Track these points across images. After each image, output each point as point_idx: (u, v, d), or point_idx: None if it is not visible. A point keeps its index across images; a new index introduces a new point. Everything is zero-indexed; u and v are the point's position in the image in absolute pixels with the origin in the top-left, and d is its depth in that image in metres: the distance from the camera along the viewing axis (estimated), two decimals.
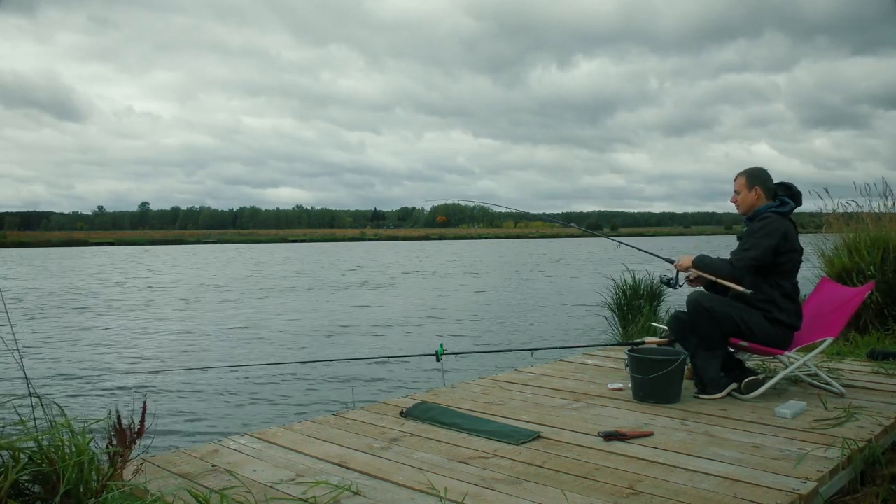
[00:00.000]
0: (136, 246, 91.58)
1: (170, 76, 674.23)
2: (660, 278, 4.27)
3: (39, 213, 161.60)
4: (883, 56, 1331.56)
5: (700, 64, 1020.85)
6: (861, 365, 4.78)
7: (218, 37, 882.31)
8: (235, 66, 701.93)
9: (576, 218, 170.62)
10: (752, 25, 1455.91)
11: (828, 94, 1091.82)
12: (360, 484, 2.51)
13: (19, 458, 2.14)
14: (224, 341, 11.19)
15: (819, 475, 2.53)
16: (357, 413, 3.66)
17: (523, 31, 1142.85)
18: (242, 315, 14.71)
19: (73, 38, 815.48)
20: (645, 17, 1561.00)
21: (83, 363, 9.34)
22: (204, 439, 5.02)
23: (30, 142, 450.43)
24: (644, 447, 2.94)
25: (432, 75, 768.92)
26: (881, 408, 3.54)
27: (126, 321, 14.00)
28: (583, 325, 12.29)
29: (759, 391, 3.77)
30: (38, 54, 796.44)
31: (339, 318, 14.10)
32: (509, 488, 2.47)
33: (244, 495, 2.36)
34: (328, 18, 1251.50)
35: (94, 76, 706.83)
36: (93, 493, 2.15)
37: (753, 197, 3.92)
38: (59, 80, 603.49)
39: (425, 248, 74.25)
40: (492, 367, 7.97)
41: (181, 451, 2.99)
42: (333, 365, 8.48)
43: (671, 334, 4.10)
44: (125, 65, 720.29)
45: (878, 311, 6.24)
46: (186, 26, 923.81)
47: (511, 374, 4.73)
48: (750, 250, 3.74)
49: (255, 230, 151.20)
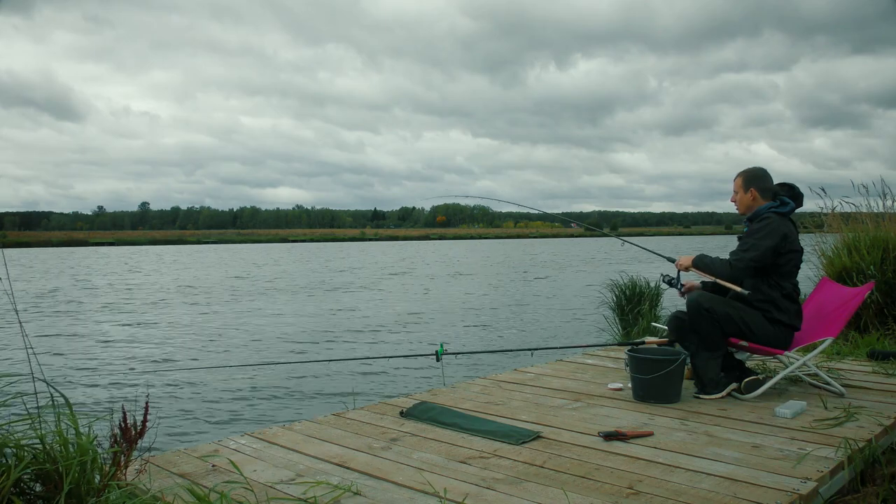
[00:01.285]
0: (136, 246, 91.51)
1: (167, 75, 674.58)
2: (661, 277, 4.26)
3: (39, 213, 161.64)
4: (882, 55, 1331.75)
5: (699, 63, 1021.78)
6: (861, 365, 4.78)
7: (214, 36, 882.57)
8: (232, 65, 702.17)
9: (576, 218, 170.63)
10: (750, 24, 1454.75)
11: (827, 93, 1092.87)
12: (360, 484, 2.52)
13: (23, 456, 2.15)
14: (224, 341, 11.18)
15: (819, 475, 2.53)
16: (357, 413, 3.66)
17: (520, 30, 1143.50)
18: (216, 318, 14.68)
19: (69, 37, 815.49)
20: (643, 16, 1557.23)
21: (79, 363, 9.34)
22: (204, 439, 5.03)
23: (27, 141, 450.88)
24: (644, 447, 2.94)
25: (430, 75, 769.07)
26: (881, 408, 3.54)
27: (113, 322, 14.01)
28: (583, 326, 12.29)
29: (759, 391, 3.77)
30: (34, 53, 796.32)
31: (322, 322, 14.09)
32: (509, 488, 2.47)
33: (244, 495, 2.37)
34: (324, 17, 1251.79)
35: (91, 75, 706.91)
36: (95, 492, 2.15)
37: (749, 198, 3.93)
38: (56, 80, 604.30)
39: (426, 247, 74.25)
40: (492, 368, 7.97)
41: (181, 451, 2.99)
42: (333, 365, 8.48)
43: (671, 334, 4.09)
44: (122, 64, 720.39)
45: (878, 310, 6.24)
46: (182, 25, 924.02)
47: (511, 374, 4.73)
48: (749, 251, 3.74)
49: (255, 230, 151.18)
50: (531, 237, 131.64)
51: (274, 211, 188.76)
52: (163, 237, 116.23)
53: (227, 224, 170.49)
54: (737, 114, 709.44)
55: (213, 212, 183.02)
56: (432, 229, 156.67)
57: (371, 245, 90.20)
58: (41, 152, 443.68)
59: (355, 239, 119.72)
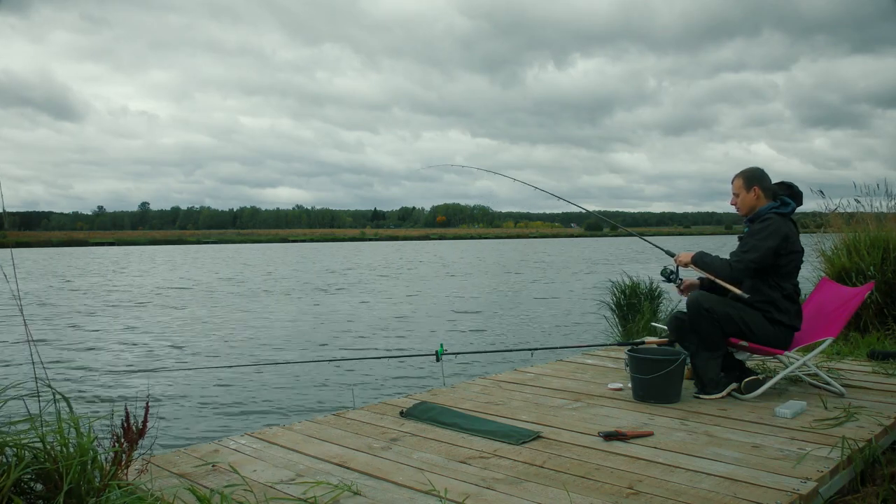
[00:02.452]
0: (136, 246, 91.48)
1: (165, 75, 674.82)
2: (661, 271, 4.23)
3: (39, 213, 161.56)
4: (882, 54, 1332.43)
5: (698, 63, 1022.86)
6: (861, 365, 4.78)
7: (212, 35, 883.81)
8: (230, 65, 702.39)
9: (576, 218, 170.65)
10: (749, 24, 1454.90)
11: (826, 93, 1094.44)
12: (360, 484, 2.52)
13: (23, 456, 2.15)
14: (223, 342, 11.19)
15: (819, 475, 2.53)
16: (357, 413, 3.66)
17: (518, 29, 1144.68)
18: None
19: (66, 36, 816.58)
20: (642, 16, 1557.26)
21: (75, 364, 9.34)
22: (204, 439, 5.03)
23: (26, 141, 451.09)
24: (644, 447, 2.94)
25: (428, 75, 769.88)
26: (881, 408, 3.54)
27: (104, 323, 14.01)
28: (583, 326, 12.29)
29: (759, 391, 3.77)
30: (32, 53, 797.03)
31: (322, 322, 14.09)
32: (509, 488, 2.47)
33: (245, 495, 2.37)
34: (321, 17, 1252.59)
35: (89, 75, 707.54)
36: (95, 492, 2.15)
37: (753, 197, 3.91)
38: (54, 80, 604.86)
39: (426, 247, 74.23)
40: (492, 368, 7.97)
41: (181, 451, 3.00)
42: (333, 365, 8.49)
43: (671, 334, 4.09)
44: (120, 64, 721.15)
45: (878, 310, 6.24)
46: (180, 25, 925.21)
47: (511, 374, 4.73)
48: (749, 252, 3.72)
49: (255, 230, 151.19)
50: (531, 237, 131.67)
51: (274, 211, 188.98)
52: (163, 237, 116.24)
53: (227, 224, 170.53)
54: (736, 114, 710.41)
55: (213, 212, 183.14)
56: (432, 229, 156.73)
57: (370, 245, 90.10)
58: (40, 152, 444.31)
59: (355, 239, 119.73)
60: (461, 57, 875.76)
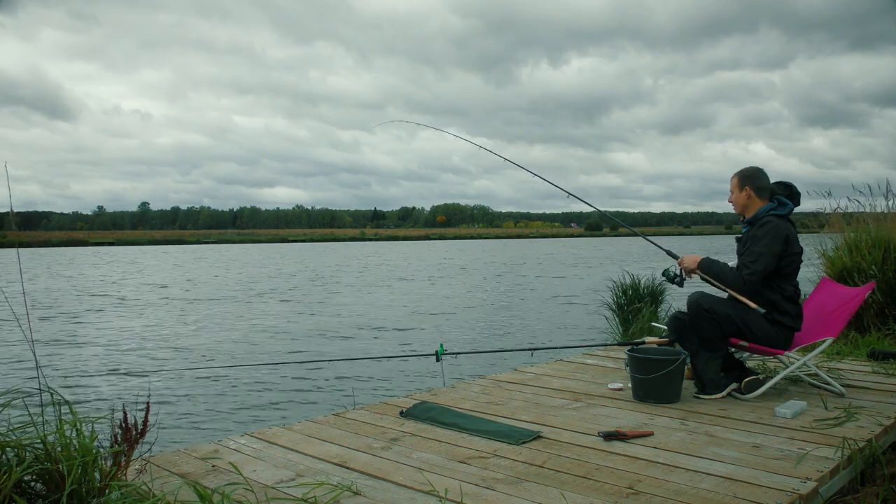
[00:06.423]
0: (136, 246, 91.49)
1: (157, 74, 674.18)
2: (663, 273, 4.22)
3: (39, 214, 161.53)
4: (879, 52, 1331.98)
5: (694, 61, 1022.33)
6: (861, 365, 4.78)
7: (203, 34, 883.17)
8: (222, 63, 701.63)
9: (576, 218, 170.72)
10: (746, 21, 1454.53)
11: (824, 91, 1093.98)
12: (360, 484, 2.52)
13: (24, 457, 2.15)
14: (222, 342, 11.19)
15: (819, 475, 2.53)
16: (357, 413, 3.67)
17: (510, 27, 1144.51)
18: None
19: (56, 35, 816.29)
20: (637, 13, 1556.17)
21: (75, 364, 9.34)
22: (204, 439, 5.03)
23: (19, 141, 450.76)
24: (644, 447, 2.94)
25: (422, 73, 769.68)
26: (881, 408, 3.54)
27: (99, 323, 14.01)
28: (583, 325, 12.29)
29: (759, 391, 3.78)
30: (22, 51, 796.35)
31: (322, 322, 14.09)
32: (509, 488, 2.47)
33: (245, 494, 2.37)
34: (311, 14, 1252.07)
35: (80, 74, 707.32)
36: (96, 492, 2.15)
37: (744, 197, 3.92)
38: (45, 78, 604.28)
39: (427, 247, 74.25)
40: (492, 367, 7.98)
41: (181, 451, 3.00)
42: (333, 365, 8.49)
43: (671, 334, 4.09)
44: (111, 63, 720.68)
45: (879, 310, 6.24)
46: (169, 23, 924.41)
47: (511, 374, 4.74)
48: (758, 262, 3.68)
49: (254, 230, 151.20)
50: (531, 237, 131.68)
51: (274, 211, 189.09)
52: (163, 237, 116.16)
53: (226, 224, 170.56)
54: (734, 113, 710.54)
55: (212, 212, 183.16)
56: (432, 229, 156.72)
57: (370, 245, 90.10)
58: (35, 152, 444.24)
59: (355, 239, 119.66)
60: (454, 55, 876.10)
